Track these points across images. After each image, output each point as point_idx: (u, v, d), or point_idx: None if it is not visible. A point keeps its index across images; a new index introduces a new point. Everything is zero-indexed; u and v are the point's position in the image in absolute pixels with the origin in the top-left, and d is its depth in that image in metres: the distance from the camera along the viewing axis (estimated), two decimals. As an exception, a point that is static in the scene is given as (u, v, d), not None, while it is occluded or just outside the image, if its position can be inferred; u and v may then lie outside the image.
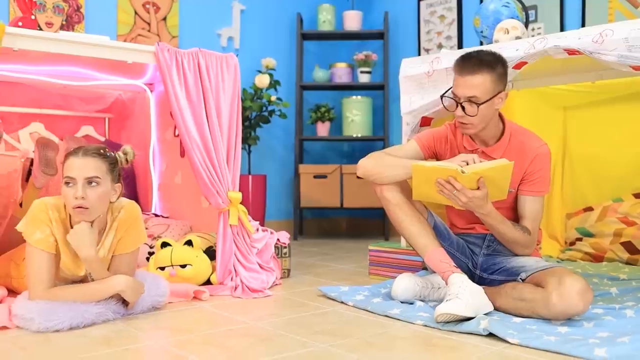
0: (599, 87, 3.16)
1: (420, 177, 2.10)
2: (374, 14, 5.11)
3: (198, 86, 2.64)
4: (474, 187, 2.01)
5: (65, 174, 1.99)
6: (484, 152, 2.23)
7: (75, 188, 1.97)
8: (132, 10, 4.09)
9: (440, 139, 2.34)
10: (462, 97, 2.12)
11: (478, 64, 2.10)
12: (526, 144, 2.21)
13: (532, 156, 2.19)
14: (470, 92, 2.10)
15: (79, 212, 1.99)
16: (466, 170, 1.98)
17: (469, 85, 2.10)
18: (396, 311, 2.10)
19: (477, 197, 2.01)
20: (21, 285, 2.22)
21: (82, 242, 2.00)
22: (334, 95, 5.13)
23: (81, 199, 1.96)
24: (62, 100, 3.43)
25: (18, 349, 1.72)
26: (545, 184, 2.21)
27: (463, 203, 2.04)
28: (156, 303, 2.19)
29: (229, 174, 2.67)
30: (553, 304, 1.85)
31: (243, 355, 1.67)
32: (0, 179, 3.20)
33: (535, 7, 3.95)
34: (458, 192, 2.01)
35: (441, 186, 2.03)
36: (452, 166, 2.01)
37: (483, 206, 2.05)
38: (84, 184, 1.98)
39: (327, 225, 5.21)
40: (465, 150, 2.26)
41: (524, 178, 2.21)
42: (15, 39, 2.24)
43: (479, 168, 2.00)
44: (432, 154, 2.36)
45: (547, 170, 2.21)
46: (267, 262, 2.73)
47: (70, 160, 2.01)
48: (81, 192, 1.96)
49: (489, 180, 2.02)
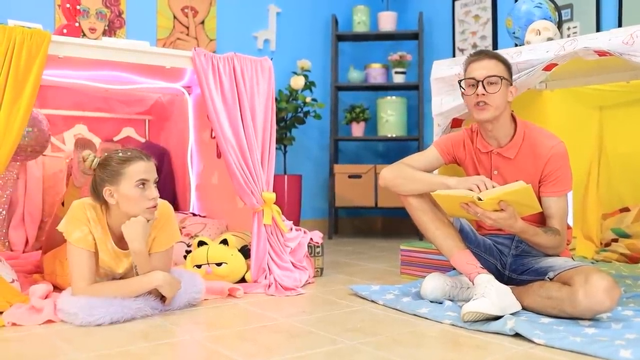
0: (634, 87, 3.12)
1: (445, 203, 2.15)
2: (409, 14, 5.13)
3: (233, 89, 2.71)
4: (497, 209, 2.02)
5: (140, 177, 2.09)
6: (499, 153, 2.25)
7: (150, 189, 2.11)
8: (171, 14, 4.21)
9: (458, 144, 2.38)
10: (481, 77, 2.20)
11: (490, 54, 2.27)
12: (541, 143, 2.21)
13: (547, 156, 2.19)
14: (489, 72, 2.21)
15: (153, 211, 2.13)
16: (482, 197, 1.99)
17: (486, 67, 2.22)
18: (424, 310, 2.14)
19: (502, 218, 2.02)
20: (65, 281, 2.33)
21: (137, 234, 2.11)
22: (368, 96, 5.17)
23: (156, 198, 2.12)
24: (104, 103, 3.57)
25: (63, 341, 1.82)
26: (567, 182, 2.21)
27: (490, 224, 2.07)
28: (192, 300, 2.27)
29: (263, 175, 2.74)
30: (579, 301, 1.86)
31: (274, 351, 1.73)
32: (47, 179, 3.35)
33: (570, 6, 3.92)
34: (481, 215, 2.03)
35: (466, 209, 2.06)
36: (469, 194, 2.02)
37: (513, 225, 2.05)
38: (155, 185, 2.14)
39: (362, 225, 5.25)
40: (480, 153, 2.30)
41: (544, 179, 2.21)
42: (60, 46, 2.35)
43: (495, 194, 1.99)
44: (452, 159, 2.40)
45: (567, 168, 2.20)
46: (300, 260, 2.79)
47: (141, 164, 2.11)
48: (156, 193, 2.12)
49: (511, 202, 2.01)
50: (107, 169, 2.12)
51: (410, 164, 2.34)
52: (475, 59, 2.26)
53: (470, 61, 2.27)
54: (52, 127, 3.32)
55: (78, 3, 3.81)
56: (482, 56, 2.26)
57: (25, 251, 3.17)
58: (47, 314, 2.04)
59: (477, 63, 2.24)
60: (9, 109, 2.14)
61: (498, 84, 2.19)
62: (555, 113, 3.35)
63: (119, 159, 2.12)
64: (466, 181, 2.10)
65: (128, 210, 2.11)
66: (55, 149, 3.43)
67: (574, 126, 3.38)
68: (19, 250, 3.14)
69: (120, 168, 2.10)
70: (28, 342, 1.82)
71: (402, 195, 2.31)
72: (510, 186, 1.98)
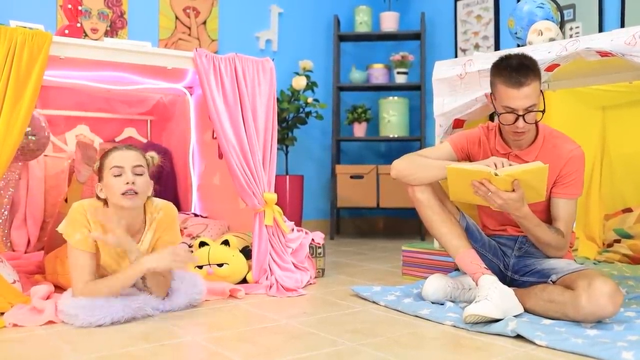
0: (637, 87, 3.11)
1: (456, 179, 2.12)
2: (411, 14, 5.13)
3: (235, 90, 2.71)
4: (509, 189, 2.01)
5: (113, 165, 2.11)
6: (517, 156, 2.23)
7: (125, 175, 2.11)
8: (173, 15, 4.21)
9: (473, 142, 2.35)
10: (521, 109, 2.08)
11: (526, 70, 2.07)
12: (560, 147, 2.20)
13: (565, 159, 2.18)
14: (529, 102, 2.07)
15: (129, 197, 2.10)
16: (500, 172, 1.98)
17: (525, 96, 2.06)
18: (426, 311, 2.13)
19: (512, 199, 2.01)
20: (67, 281, 2.32)
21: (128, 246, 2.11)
22: (370, 96, 5.17)
23: (132, 184, 2.10)
24: (106, 103, 3.57)
25: (64, 342, 1.82)
26: (579, 186, 2.20)
27: (499, 205, 2.04)
28: (193, 301, 2.27)
29: (265, 176, 2.74)
30: (582, 306, 1.86)
31: (274, 352, 1.73)
32: (49, 179, 3.35)
33: (573, 6, 3.91)
34: (493, 194, 2.02)
35: (476, 188, 2.04)
36: (485, 169, 2.01)
37: (519, 208, 2.04)
38: (132, 172, 2.12)
39: (364, 225, 5.25)
40: (498, 154, 2.26)
41: (558, 180, 2.20)
42: (61, 47, 2.35)
43: (512, 171, 1.99)
44: (465, 156, 2.37)
45: (581, 173, 2.20)
46: (302, 261, 2.79)
47: (115, 154, 2.14)
48: (132, 178, 2.10)
49: (524, 183, 2.01)
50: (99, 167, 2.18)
51: (423, 155, 2.32)
52: (514, 84, 2.06)
53: (509, 84, 2.07)
54: (54, 128, 3.34)
55: (80, 4, 3.81)
56: (522, 81, 2.05)
57: (27, 251, 3.18)
58: (49, 314, 2.04)
59: (518, 91, 2.06)
60: (10, 110, 2.14)
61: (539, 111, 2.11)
62: (557, 113, 3.33)
63: (103, 154, 2.18)
64: (483, 161, 2.11)
65: (111, 201, 2.14)
66: (57, 149, 3.44)
67: (577, 126, 3.36)
68: (21, 251, 3.15)
69: (102, 162, 2.16)
70: (29, 343, 1.83)
71: (410, 190, 2.28)
72: (528, 165, 2.02)
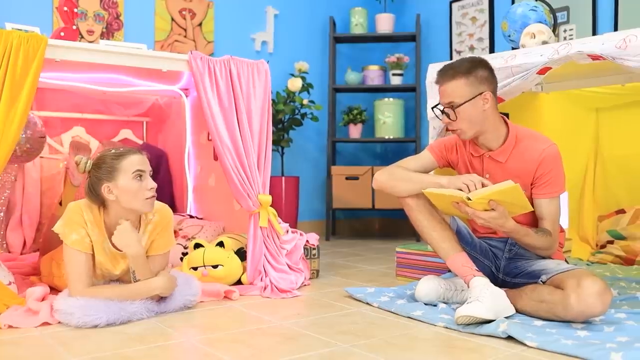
0: (629, 89, 3.14)
1: (436, 200, 2.18)
2: (406, 16, 5.15)
3: (230, 92, 2.72)
4: (487, 208, 2.03)
5: (136, 168, 2.13)
6: (490, 157, 2.26)
7: (147, 180, 2.14)
8: (168, 17, 4.22)
9: (451, 148, 2.40)
10: (443, 104, 2.22)
11: (451, 73, 2.20)
12: (531, 148, 2.21)
13: (539, 158, 2.19)
14: (447, 99, 2.21)
15: (151, 201, 2.15)
16: (471, 196, 2.00)
17: (444, 93, 2.22)
18: (419, 313, 2.15)
19: (493, 217, 2.02)
20: (62, 283, 2.34)
21: (130, 239, 2.13)
22: (366, 98, 5.18)
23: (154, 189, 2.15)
24: (102, 105, 3.58)
25: (59, 344, 1.83)
26: (559, 184, 2.21)
27: (481, 224, 2.08)
28: (188, 302, 2.28)
29: (260, 178, 2.75)
30: (571, 305, 1.88)
31: (268, 354, 1.75)
32: (45, 180, 3.36)
33: (567, 9, 3.93)
34: (472, 214, 2.04)
35: (457, 207, 2.08)
36: (458, 193, 2.04)
37: (504, 224, 2.05)
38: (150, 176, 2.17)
39: (360, 226, 5.26)
40: (471, 157, 2.32)
41: (535, 182, 2.21)
42: (56, 50, 2.36)
43: (484, 193, 1.99)
44: (446, 163, 2.41)
45: (559, 170, 2.20)
46: (296, 263, 2.81)
47: (134, 157, 2.15)
48: (153, 182, 2.15)
49: (502, 201, 2.02)
50: (103, 167, 2.14)
51: (404, 166, 2.35)
52: (438, 80, 2.25)
53: (436, 80, 2.27)
54: (49, 129, 3.34)
55: (76, 6, 3.82)
56: (444, 78, 2.22)
57: (23, 253, 3.19)
58: (44, 316, 2.05)
59: (439, 87, 2.25)
60: (6, 113, 2.15)
61: (455, 107, 2.19)
62: (551, 115, 3.36)
63: (113, 155, 2.15)
64: (457, 180, 2.11)
65: (128, 204, 2.13)
66: (53, 151, 3.44)
67: (570, 128, 3.40)
68: (16, 252, 3.16)
69: (115, 163, 2.13)
70: (24, 344, 1.84)
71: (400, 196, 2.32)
72: (499, 186, 1.98)
